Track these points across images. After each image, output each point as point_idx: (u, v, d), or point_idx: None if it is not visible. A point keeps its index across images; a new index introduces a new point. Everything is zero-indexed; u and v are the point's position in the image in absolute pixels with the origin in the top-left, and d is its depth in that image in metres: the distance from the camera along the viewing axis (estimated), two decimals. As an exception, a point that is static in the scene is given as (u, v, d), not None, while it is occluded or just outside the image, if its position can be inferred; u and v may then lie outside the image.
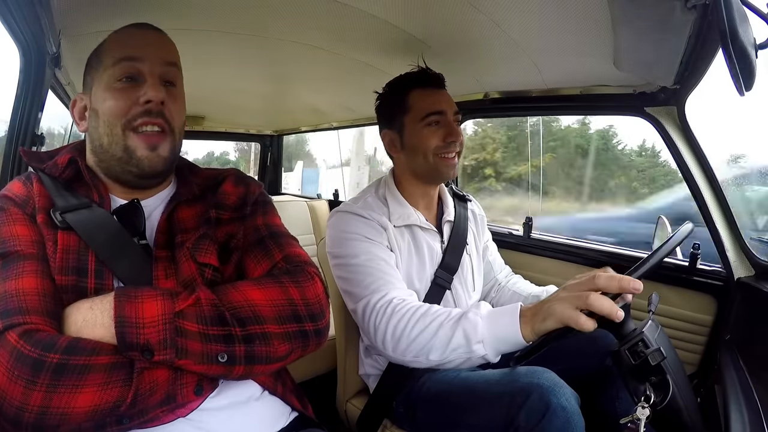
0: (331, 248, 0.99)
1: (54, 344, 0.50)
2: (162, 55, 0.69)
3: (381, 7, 0.99)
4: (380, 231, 0.98)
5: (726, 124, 1.38)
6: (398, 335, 0.81)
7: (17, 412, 0.48)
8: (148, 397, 0.53)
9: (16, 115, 1.00)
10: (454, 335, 0.77)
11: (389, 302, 0.85)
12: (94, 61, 0.70)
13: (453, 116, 1.03)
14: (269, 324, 0.59)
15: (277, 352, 0.60)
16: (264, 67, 1.52)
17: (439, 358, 0.79)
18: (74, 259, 0.60)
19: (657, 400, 0.67)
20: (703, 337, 1.20)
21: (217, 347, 0.56)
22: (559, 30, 0.96)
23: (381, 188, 1.08)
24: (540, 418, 0.73)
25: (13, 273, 0.55)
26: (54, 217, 0.62)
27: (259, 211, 0.76)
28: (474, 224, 1.20)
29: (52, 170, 0.67)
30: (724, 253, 1.13)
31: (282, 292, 0.62)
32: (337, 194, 2.97)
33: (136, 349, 0.52)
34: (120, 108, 0.65)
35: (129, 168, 0.67)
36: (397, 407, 1.00)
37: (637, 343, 0.70)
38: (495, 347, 0.76)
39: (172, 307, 0.55)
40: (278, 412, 0.70)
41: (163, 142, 0.68)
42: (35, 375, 0.48)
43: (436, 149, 1.01)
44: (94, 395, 0.49)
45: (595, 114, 1.42)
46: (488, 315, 0.77)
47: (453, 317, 0.79)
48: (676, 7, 0.66)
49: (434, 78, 1.06)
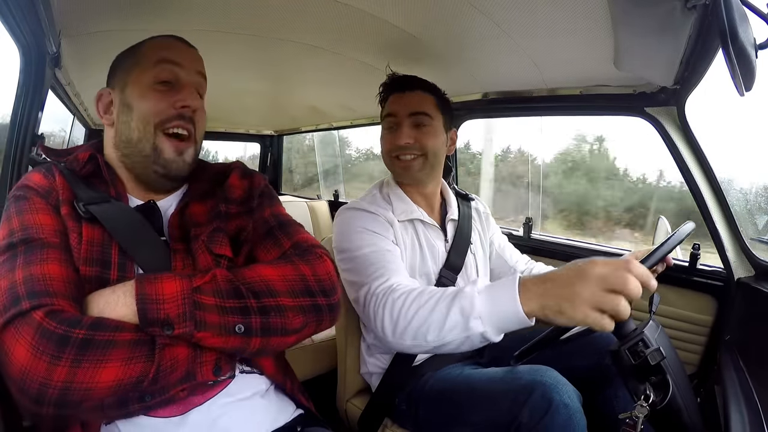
0: (337, 244, 0.99)
1: (79, 321, 0.51)
2: (197, 68, 0.75)
3: (381, 7, 0.99)
4: (387, 226, 0.99)
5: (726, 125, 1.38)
6: (395, 317, 0.78)
7: (40, 388, 0.48)
8: (169, 373, 0.55)
9: (16, 115, 1.00)
10: (450, 312, 0.71)
11: (389, 287, 0.84)
12: (128, 61, 0.73)
13: (409, 118, 1.03)
14: (283, 297, 0.62)
15: (292, 324, 0.62)
16: (264, 67, 1.52)
17: (437, 338, 0.73)
18: (98, 251, 0.62)
19: (657, 400, 0.67)
20: (703, 338, 1.20)
21: (234, 318, 0.58)
22: (559, 30, 0.96)
23: (385, 187, 1.11)
24: (542, 415, 0.73)
25: (37, 258, 0.56)
26: (78, 207, 0.63)
27: (265, 203, 0.79)
28: (479, 222, 1.20)
29: (72, 165, 0.69)
30: (724, 253, 1.13)
31: (293, 269, 0.65)
32: (337, 194, 2.98)
33: (157, 324, 0.54)
34: (158, 108, 0.69)
35: (154, 167, 0.70)
36: (400, 404, 1.00)
37: (637, 342, 0.69)
38: (494, 323, 0.68)
39: (190, 284, 0.57)
40: (283, 407, 0.72)
41: (188, 148, 0.73)
42: (60, 350, 0.48)
43: (389, 151, 1.06)
44: (118, 370, 0.51)
45: (595, 114, 1.41)
46: (486, 288, 0.71)
47: (449, 294, 0.74)
48: (676, 7, 0.66)
49: (397, 83, 1.08)
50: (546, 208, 2.38)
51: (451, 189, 1.22)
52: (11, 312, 0.50)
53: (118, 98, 0.72)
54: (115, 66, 0.75)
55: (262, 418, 0.67)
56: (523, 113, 1.60)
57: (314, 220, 2.56)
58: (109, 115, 0.73)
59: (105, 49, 1.25)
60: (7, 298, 0.52)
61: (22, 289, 0.52)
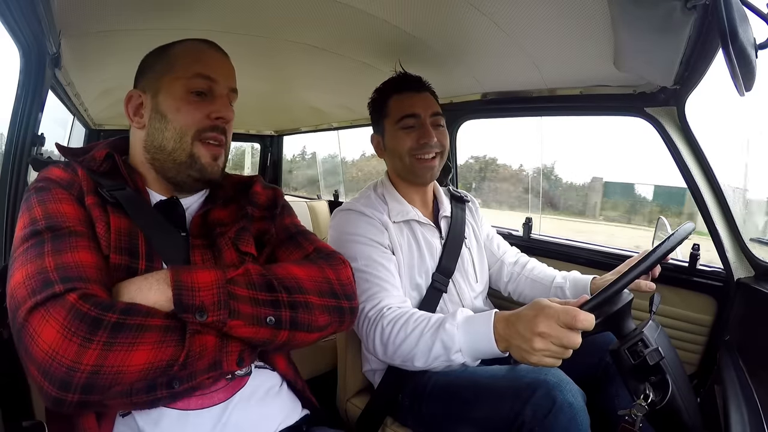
0: (333, 248, 0.99)
1: (112, 305, 0.52)
2: (231, 82, 0.76)
3: (381, 7, 0.99)
4: (382, 230, 1.00)
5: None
6: (385, 341, 0.85)
7: (68, 371, 0.47)
8: (197, 360, 0.56)
9: (16, 115, 1.00)
10: (434, 345, 0.78)
11: (379, 311, 0.88)
12: (159, 64, 0.73)
13: (430, 118, 1.05)
14: (311, 295, 0.66)
15: (318, 322, 0.65)
16: (264, 67, 1.52)
17: (424, 365, 0.81)
18: (126, 240, 0.63)
19: (656, 400, 0.67)
20: (703, 338, 1.20)
21: (266, 311, 0.60)
22: (559, 30, 0.96)
23: (379, 188, 1.11)
24: (546, 414, 0.73)
25: (67, 246, 0.56)
26: (103, 193, 0.65)
27: (286, 213, 0.85)
28: (471, 217, 1.22)
29: (89, 163, 0.69)
30: (724, 253, 1.13)
31: (320, 271, 0.70)
32: (337, 195, 2.98)
33: (191, 311, 0.55)
34: (194, 119, 0.71)
35: (189, 172, 0.72)
36: (403, 401, 1.01)
37: (636, 342, 0.70)
38: (473, 355, 0.76)
39: (224, 275, 0.59)
40: (293, 406, 0.73)
41: (221, 155, 0.75)
42: (92, 332, 0.49)
43: (411, 150, 1.04)
44: (149, 353, 0.51)
45: (595, 114, 1.41)
46: (464, 324, 0.77)
47: (432, 326, 0.80)
48: (676, 7, 0.66)
49: (411, 82, 1.08)
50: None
51: (447, 189, 1.23)
52: (43, 294, 0.50)
53: (150, 104, 0.72)
54: (145, 67, 0.75)
55: (274, 416, 0.68)
56: (523, 113, 1.60)
57: (314, 220, 2.56)
58: (140, 118, 0.73)
59: (105, 49, 1.26)
60: (36, 282, 0.51)
61: (55, 274, 0.52)
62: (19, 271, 0.53)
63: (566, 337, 0.63)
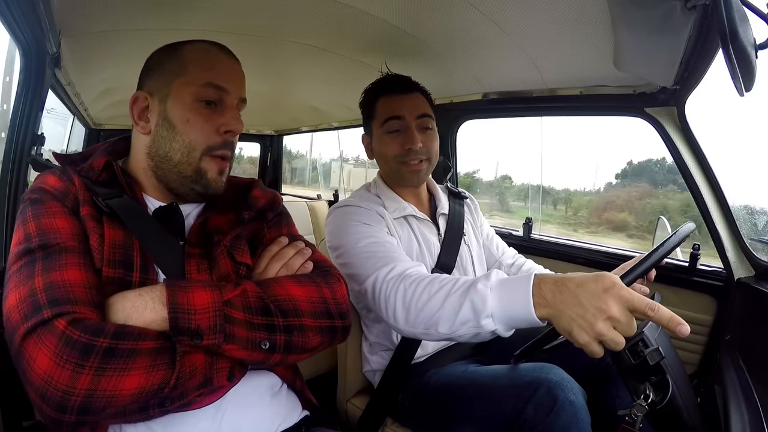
0: (332, 241, 0.98)
1: (103, 329, 0.52)
2: (241, 92, 0.74)
3: (381, 7, 0.99)
4: (379, 219, 0.98)
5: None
6: (407, 304, 0.76)
7: (63, 396, 0.48)
8: (188, 379, 0.55)
9: (17, 115, 1.00)
10: (462, 308, 0.68)
11: (399, 273, 0.82)
12: (167, 66, 0.70)
13: (416, 120, 1.01)
14: (306, 318, 0.65)
15: (311, 343, 0.65)
16: (264, 67, 1.52)
17: (449, 331, 0.71)
18: (120, 253, 0.62)
19: (656, 400, 0.67)
20: (703, 337, 1.20)
21: (261, 335, 0.60)
22: (559, 30, 0.96)
23: (373, 188, 1.11)
24: (548, 412, 0.73)
25: (56, 265, 0.56)
26: (98, 202, 0.63)
27: (283, 222, 0.82)
28: (470, 215, 1.21)
29: (88, 173, 0.68)
30: (724, 253, 1.13)
31: (317, 290, 0.69)
32: (336, 195, 2.98)
33: (186, 334, 0.55)
34: (204, 133, 0.69)
35: (193, 185, 0.71)
36: (403, 401, 1.00)
37: (636, 342, 0.69)
38: (505, 323, 0.66)
39: (221, 296, 0.58)
40: (292, 406, 0.73)
41: (227, 168, 0.74)
42: (84, 359, 0.49)
43: (397, 157, 1.02)
44: (141, 378, 0.51)
45: (595, 114, 1.41)
46: (498, 285, 0.67)
47: (461, 287, 0.71)
48: (676, 7, 0.66)
49: (397, 83, 1.05)
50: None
51: (445, 186, 1.22)
52: (32, 321, 0.50)
53: (157, 109, 0.69)
54: (153, 66, 0.72)
55: (274, 416, 0.68)
56: (523, 113, 1.60)
57: (314, 220, 2.56)
58: (145, 123, 0.70)
59: (105, 49, 1.26)
60: (27, 306, 0.52)
61: (43, 296, 0.52)
62: (13, 293, 0.54)
63: (630, 329, 0.56)
